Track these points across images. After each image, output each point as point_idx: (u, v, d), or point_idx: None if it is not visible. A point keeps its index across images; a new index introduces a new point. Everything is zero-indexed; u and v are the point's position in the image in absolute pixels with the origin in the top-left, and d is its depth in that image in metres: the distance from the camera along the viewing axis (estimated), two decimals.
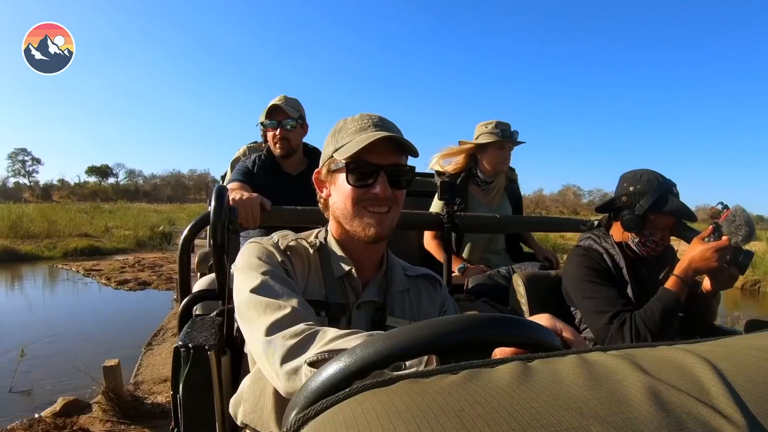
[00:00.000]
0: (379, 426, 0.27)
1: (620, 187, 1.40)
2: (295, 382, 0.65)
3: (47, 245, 10.69)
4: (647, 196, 1.31)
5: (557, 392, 0.29)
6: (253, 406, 0.83)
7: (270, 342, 0.69)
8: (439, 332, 0.43)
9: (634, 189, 1.34)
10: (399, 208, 0.90)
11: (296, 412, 0.37)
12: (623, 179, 1.40)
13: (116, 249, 11.34)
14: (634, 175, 1.38)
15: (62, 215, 14.62)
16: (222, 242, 1.15)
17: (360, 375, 0.39)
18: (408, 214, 1.74)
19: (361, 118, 0.88)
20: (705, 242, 1.22)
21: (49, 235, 11.88)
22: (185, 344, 0.95)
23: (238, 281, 0.82)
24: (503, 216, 1.95)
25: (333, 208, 0.91)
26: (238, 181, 1.80)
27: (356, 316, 0.90)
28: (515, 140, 2.02)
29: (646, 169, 1.38)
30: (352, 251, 0.92)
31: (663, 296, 1.23)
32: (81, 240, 11.48)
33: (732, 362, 0.35)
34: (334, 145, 0.88)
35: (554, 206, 41.27)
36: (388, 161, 0.85)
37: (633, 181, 1.36)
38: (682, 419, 0.28)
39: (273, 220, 1.47)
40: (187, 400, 0.95)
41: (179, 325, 1.23)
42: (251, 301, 0.76)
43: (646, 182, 1.33)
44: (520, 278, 1.48)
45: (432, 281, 1.04)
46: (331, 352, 0.61)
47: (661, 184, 1.32)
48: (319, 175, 0.94)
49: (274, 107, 1.89)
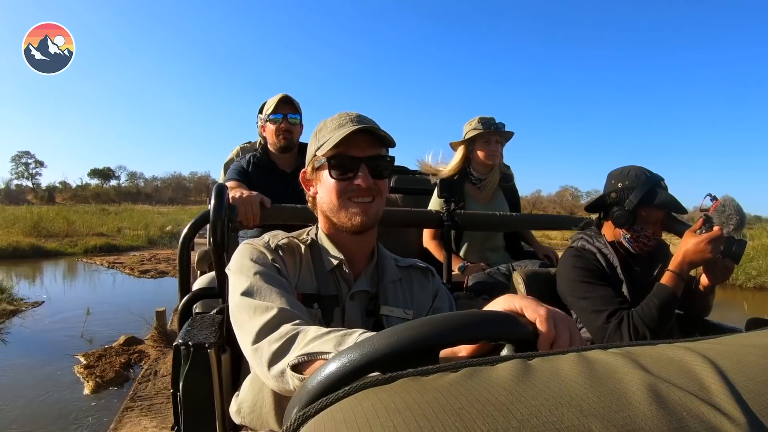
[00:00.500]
0: (379, 424, 0.27)
1: (608, 185, 1.39)
2: (284, 384, 0.67)
3: (68, 243, 11.79)
4: (636, 191, 1.30)
5: (557, 390, 0.29)
6: (252, 405, 0.84)
7: (258, 347, 0.72)
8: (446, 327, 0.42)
9: (622, 185, 1.34)
10: (383, 197, 0.93)
11: (296, 410, 0.37)
12: (611, 176, 1.40)
13: (131, 246, 12.47)
14: (621, 171, 1.37)
15: (77, 217, 15.96)
16: (222, 240, 1.15)
17: (358, 375, 0.39)
18: (408, 212, 1.74)
19: (340, 117, 0.91)
20: (697, 234, 1.22)
21: (68, 234, 13.01)
22: (185, 342, 0.96)
23: (231, 284, 0.85)
24: (503, 214, 1.95)
25: (320, 204, 0.94)
26: (234, 180, 1.80)
27: (350, 306, 0.93)
28: (500, 131, 2.00)
29: (632, 165, 1.38)
30: (342, 244, 0.95)
31: (659, 292, 1.23)
32: (98, 239, 12.70)
33: (732, 360, 0.35)
34: (315, 144, 0.92)
35: (552, 207, 41.37)
36: (367, 153, 0.88)
37: (621, 177, 1.35)
38: (683, 417, 0.28)
39: (272, 218, 1.47)
40: (187, 398, 0.96)
41: (179, 323, 1.23)
42: (241, 304, 0.78)
43: (634, 177, 1.33)
44: (520, 276, 1.48)
45: (424, 271, 1.06)
46: (308, 355, 0.63)
47: (649, 178, 1.32)
48: (305, 175, 0.98)
49: (284, 99, 1.89)
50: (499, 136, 2.02)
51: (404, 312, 0.96)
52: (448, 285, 1.71)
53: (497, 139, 2.02)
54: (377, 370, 0.39)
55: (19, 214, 14.80)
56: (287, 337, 0.69)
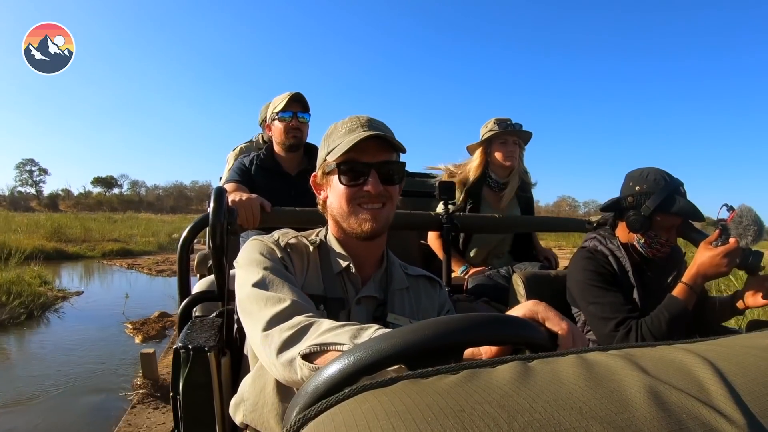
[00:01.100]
0: (379, 426, 0.26)
1: (626, 187, 1.34)
2: (291, 373, 0.66)
3: (87, 248, 13.02)
4: (654, 196, 1.25)
5: (557, 392, 0.29)
6: (254, 405, 0.84)
7: (268, 334, 0.71)
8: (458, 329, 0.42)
9: (640, 189, 1.29)
10: (393, 203, 0.92)
11: (296, 412, 0.37)
12: (629, 178, 1.34)
13: (143, 251, 13.67)
14: (640, 174, 1.32)
15: (93, 224, 17.94)
16: (221, 243, 1.15)
17: (359, 376, 0.39)
18: (407, 214, 1.74)
19: (350, 121, 0.90)
20: (713, 247, 1.18)
21: (85, 239, 14.35)
22: (185, 345, 0.95)
23: (240, 277, 0.84)
24: (502, 216, 1.94)
25: (330, 209, 0.93)
26: (234, 181, 1.75)
27: (356, 310, 0.92)
28: (517, 131, 1.97)
29: (652, 167, 1.32)
30: (351, 249, 0.94)
31: (670, 304, 1.19)
32: (114, 244, 14.05)
33: (732, 362, 0.35)
34: (326, 149, 0.91)
35: None
36: (377, 159, 0.87)
37: (639, 181, 1.30)
38: (682, 419, 0.27)
39: (272, 221, 1.47)
40: (187, 401, 0.95)
41: (179, 327, 1.23)
42: (253, 295, 0.78)
43: (653, 182, 1.27)
44: (520, 278, 1.48)
45: (432, 282, 1.05)
46: (321, 345, 0.63)
47: (668, 183, 1.26)
48: (315, 179, 0.97)
49: (295, 97, 1.84)
50: (517, 136, 1.99)
51: (410, 321, 0.94)
52: (448, 287, 1.71)
53: (515, 140, 1.98)
54: (402, 363, 0.39)
55: (39, 220, 16.69)
56: (300, 326, 0.68)
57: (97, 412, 3.10)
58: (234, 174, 1.81)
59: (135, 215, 29.21)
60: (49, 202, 45.28)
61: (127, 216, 27.62)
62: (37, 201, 46.54)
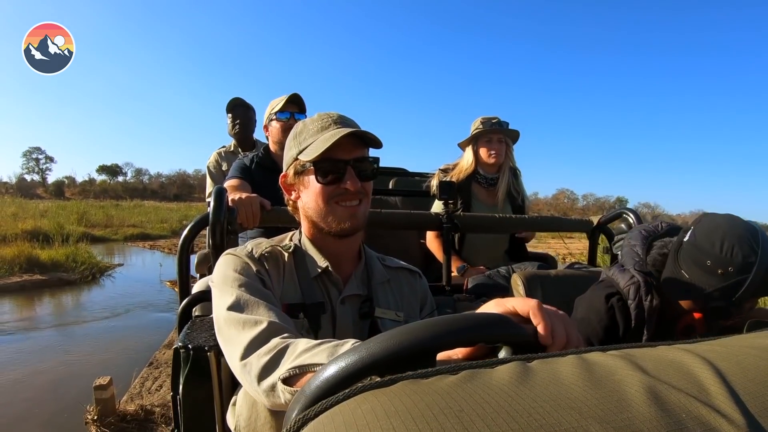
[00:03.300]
0: (379, 427, 0.27)
1: (697, 262, 0.99)
2: (275, 398, 0.65)
3: (110, 232, 14.87)
4: (748, 284, 0.94)
5: (557, 392, 0.29)
6: (247, 419, 0.82)
7: (246, 362, 0.69)
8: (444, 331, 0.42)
9: (723, 272, 0.95)
10: (369, 199, 0.92)
11: (296, 413, 0.37)
12: (699, 250, 0.99)
13: (159, 235, 15.53)
14: (721, 247, 0.96)
15: (114, 211, 19.84)
16: (221, 243, 1.15)
17: (357, 379, 0.39)
18: (407, 214, 1.74)
19: (321, 118, 0.89)
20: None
21: (107, 225, 16.15)
22: (185, 345, 0.95)
23: (215, 297, 0.82)
24: (503, 216, 1.94)
25: (304, 209, 0.92)
26: (237, 178, 1.79)
27: (341, 311, 0.91)
28: (502, 129, 2.00)
29: (725, 225, 0.98)
30: (327, 248, 0.93)
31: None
32: (133, 229, 15.87)
33: (732, 362, 0.35)
34: (297, 148, 0.89)
35: (548, 210, 41.63)
36: (353, 155, 0.87)
37: (722, 262, 0.95)
38: (682, 419, 0.27)
39: (272, 221, 1.47)
40: (186, 401, 0.95)
41: (179, 326, 1.23)
42: (229, 319, 0.76)
43: (740, 264, 0.94)
44: (520, 278, 1.48)
45: (412, 272, 1.05)
46: (300, 368, 0.62)
47: (763, 261, 0.94)
48: (285, 179, 0.94)
49: (292, 99, 1.88)
50: (502, 134, 2.02)
51: (396, 314, 0.94)
52: (448, 287, 1.71)
53: (500, 138, 2.02)
54: (375, 373, 0.39)
55: (65, 206, 18.62)
56: (277, 350, 0.67)
57: (159, 323, 5.20)
58: (236, 172, 1.84)
59: (141, 203, 29.98)
60: (55, 190, 45.55)
61: (134, 204, 28.15)
62: (44, 188, 46.83)
